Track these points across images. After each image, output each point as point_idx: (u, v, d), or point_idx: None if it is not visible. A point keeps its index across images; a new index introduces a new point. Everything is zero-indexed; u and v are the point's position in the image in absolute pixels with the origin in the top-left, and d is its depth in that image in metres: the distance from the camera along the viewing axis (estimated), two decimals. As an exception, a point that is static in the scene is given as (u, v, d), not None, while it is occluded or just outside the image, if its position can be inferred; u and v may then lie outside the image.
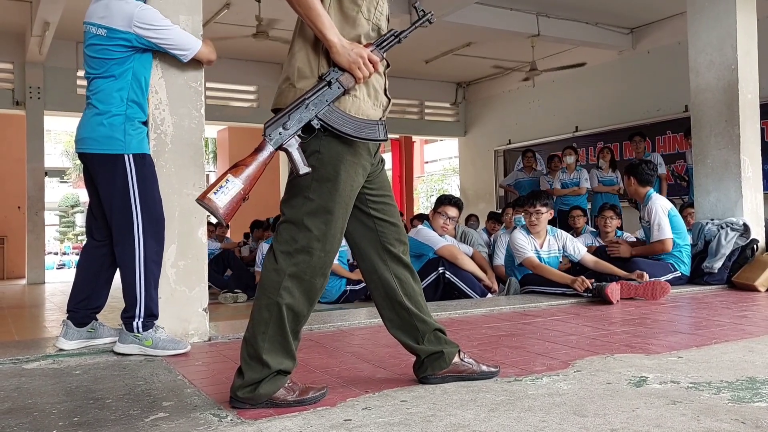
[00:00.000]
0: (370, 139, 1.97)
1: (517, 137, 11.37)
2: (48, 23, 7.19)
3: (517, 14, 8.24)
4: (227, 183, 1.83)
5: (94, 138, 2.74)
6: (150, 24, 2.76)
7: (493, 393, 2.01)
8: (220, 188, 1.82)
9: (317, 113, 1.90)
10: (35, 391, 2.19)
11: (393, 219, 2.13)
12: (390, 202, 2.14)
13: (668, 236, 4.90)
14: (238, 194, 1.84)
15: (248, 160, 1.88)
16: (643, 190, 5.12)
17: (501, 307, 4.00)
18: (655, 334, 3.01)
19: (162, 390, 2.16)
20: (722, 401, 1.86)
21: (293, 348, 1.94)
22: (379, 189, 2.11)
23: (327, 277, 1.98)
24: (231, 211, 1.84)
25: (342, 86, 1.91)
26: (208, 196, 1.82)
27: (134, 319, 2.73)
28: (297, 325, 1.94)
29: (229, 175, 1.84)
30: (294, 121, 1.89)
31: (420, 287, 2.18)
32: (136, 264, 2.72)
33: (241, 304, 6.23)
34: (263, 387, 1.89)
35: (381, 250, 2.11)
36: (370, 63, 1.92)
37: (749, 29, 5.46)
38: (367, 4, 1.99)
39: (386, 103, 2.07)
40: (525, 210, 4.86)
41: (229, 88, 10.31)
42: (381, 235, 2.10)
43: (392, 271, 2.11)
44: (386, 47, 1.99)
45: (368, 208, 2.10)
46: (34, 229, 8.95)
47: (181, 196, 3.00)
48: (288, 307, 1.90)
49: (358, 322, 3.50)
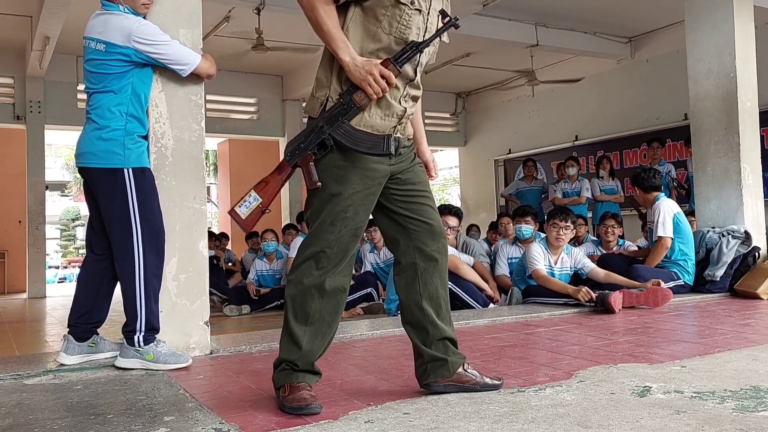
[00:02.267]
0: (372, 154, 2.03)
1: (517, 147, 11.39)
2: (48, 38, 7.22)
3: (516, 24, 8.27)
4: (249, 197, 2.12)
5: (93, 152, 2.74)
6: (149, 39, 2.77)
7: (496, 405, 2.00)
8: (243, 202, 2.12)
9: (330, 131, 2.01)
10: (36, 407, 2.18)
11: (424, 217, 2.15)
12: (421, 201, 2.16)
13: (668, 235, 4.90)
14: (258, 207, 2.11)
15: (269, 178, 2.13)
16: (650, 197, 5.13)
17: (503, 318, 3.99)
18: (658, 343, 3.00)
19: (163, 404, 2.15)
20: (726, 411, 1.85)
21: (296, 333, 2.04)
22: (408, 188, 2.14)
23: (340, 276, 2.06)
24: (251, 222, 2.13)
25: (356, 104, 2.00)
26: (234, 209, 2.13)
27: (135, 333, 2.72)
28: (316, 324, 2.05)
29: (252, 191, 2.12)
30: (309, 140, 2.05)
31: (446, 291, 2.19)
32: (136, 278, 2.72)
33: (245, 316, 6.22)
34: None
35: (413, 249, 2.14)
36: (382, 78, 1.96)
37: (747, 37, 5.47)
38: (389, 19, 2.01)
39: (401, 112, 2.09)
40: (553, 222, 4.81)
41: (229, 100, 10.34)
42: (412, 233, 2.14)
43: (420, 272, 2.14)
44: (404, 60, 2.02)
45: (398, 207, 2.14)
46: (34, 243, 8.95)
47: (181, 209, 3.00)
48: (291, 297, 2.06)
49: (360, 333, 3.49)
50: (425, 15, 2.07)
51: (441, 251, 2.17)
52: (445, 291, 2.19)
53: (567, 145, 10.33)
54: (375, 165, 2.05)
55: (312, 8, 1.97)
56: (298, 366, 2.03)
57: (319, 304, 2.03)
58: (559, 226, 4.77)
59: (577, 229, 6.34)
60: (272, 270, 6.78)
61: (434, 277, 2.15)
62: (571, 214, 4.89)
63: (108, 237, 2.79)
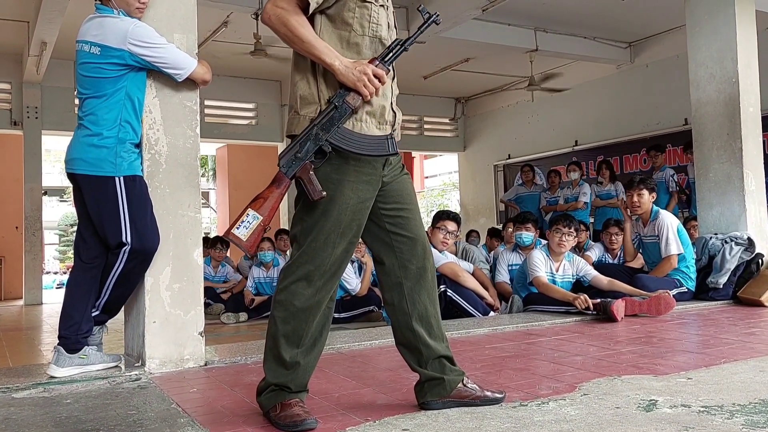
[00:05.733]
0: (375, 155, 1.97)
1: (516, 152, 11.34)
2: (45, 43, 7.18)
3: (516, 29, 8.24)
4: (248, 217, 1.96)
5: (84, 159, 2.69)
6: (145, 41, 2.72)
7: (497, 420, 1.94)
8: (241, 223, 1.95)
9: (327, 137, 1.92)
10: (24, 422, 2.11)
11: (408, 233, 2.07)
12: (407, 215, 2.08)
13: (679, 252, 4.84)
14: (259, 226, 1.96)
15: (266, 193, 1.97)
16: (650, 205, 5.04)
17: (504, 327, 3.93)
18: (662, 354, 2.94)
19: (155, 420, 2.09)
20: (736, 426, 1.79)
21: (286, 358, 1.96)
22: (395, 202, 2.07)
23: (324, 290, 1.98)
24: (254, 243, 1.97)
25: (350, 106, 1.93)
26: (232, 232, 1.96)
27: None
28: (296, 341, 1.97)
29: (249, 210, 1.96)
30: (305, 148, 1.93)
31: (436, 307, 2.11)
32: (109, 276, 2.76)
33: (242, 323, 6.18)
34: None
35: (398, 267, 2.06)
36: (375, 78, 1.91)
37: (749, 42, 5.43)
38: (359, 20, 1.96)
39: (393, 119, 2.04)
40: (556, 228, 4.75)
41: (227, 105, 10.30)
42: (397, 251, 2.06)
43: (408, 292, 2.06)
44: (391, 59, 1.97)
45: (383, 222, 2.07)
46: (31, 250, 8.89)
47: (175, 217, 2.94)
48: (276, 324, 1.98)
49: (357, 343, 3.42)
50: (387, 10, 2.04)
51: (427, 267, 2.08)
52: (435, 307, 2.10)
53: (567, 150, 10.29)
54: (368, 177, 1.98)
55: (284, 23, 1.89)
56: (290, 388, 1.97)
57: (312, 324, 1.97)
58: (562, 232, 4.71)
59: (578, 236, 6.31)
60: (269, 278, 6.73)
61: (422, 296, 2.07)
62: (574, 221, 4.83)
63: (99, 241, 2.75)
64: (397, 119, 2.08)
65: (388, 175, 2.05)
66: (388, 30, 2.03)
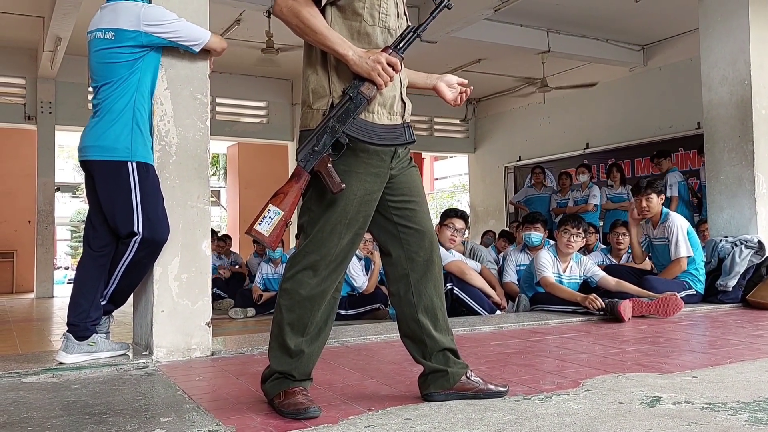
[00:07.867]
0: (397, 144, 1.99)
1: (527, 154, 11.31)
2: (60, 38, 7.24)
3: (528, 30, 8.22)
4: (269, 213, 1.96)
5: (99, 145, 2.74)
6: (158, 20, 2.78)
7: (500, 412, 1.94)
8: (263, 219, 1.96)
9: (344, 129, 1.92)
10: (32, 406, 2.14)
11: (416, 225, 2.08)
12: (414, 207, 2.09)
13: (689, 254, 4.81)
14: (281, 222, 1.96)
15: (286, 188, 1.97)
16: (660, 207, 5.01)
17: (510, 324, 3.93)
18: (668, 353, 2.93)
19: (161, 405, 2.11)
20: (739, 423, 1.79)
21: (291, 346, 1.97)
22: (403, 194, 2.08)
23: (330, 281, 1.99)
24: (276, 238, 1.98)
25: (365, 96, 1.93)
26: (255, 228, 1.96)
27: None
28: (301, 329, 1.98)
29: (270, 205, 1.96)
30: (322, 141, 1.93)
31: (441, 300, 2.12)
32: (118, 266, 2.78)
33: (250, 318, 6.21)
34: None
35: (405, 259, 2.07)
36: (389, 66, 1.92)
37: (762, 44, 5.39)
38: (369, 10, 1.97)
39: (402, 109, 2.05)
40: (565, 228, 4.74)
41: (239, 104, 10.35)
42: (404, 243, 2.07)
43: (414, 283, 2.07)
44: (404, 47, 1.98)
45: (391, 214, 2.08)
46: (43, 243, 8.97)
47: (185, 208, 2.97)
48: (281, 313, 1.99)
49: (363, 337, 3.44)
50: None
51: (434, 259, 2.09)
52: (441, 300, 2.11)
53: (578, 152, 10.25)
54: (376, 169, 1.99)
55: (296, 14, 1.90)
56: (294, 376, 1.98)
57: (317, 314, 1.98)
58: (571, 233, 4.71)
59: (587, 238, 6.29)
60: (278, 274, 6.76)
61: (428, 287, 2.08)
62: (582, 222, 4.82)
63: (108, 230, 2.78)
64: (407, 109, 2.08)
65: (396, 168, 2.06)
66: (396, 19, 2.04)
